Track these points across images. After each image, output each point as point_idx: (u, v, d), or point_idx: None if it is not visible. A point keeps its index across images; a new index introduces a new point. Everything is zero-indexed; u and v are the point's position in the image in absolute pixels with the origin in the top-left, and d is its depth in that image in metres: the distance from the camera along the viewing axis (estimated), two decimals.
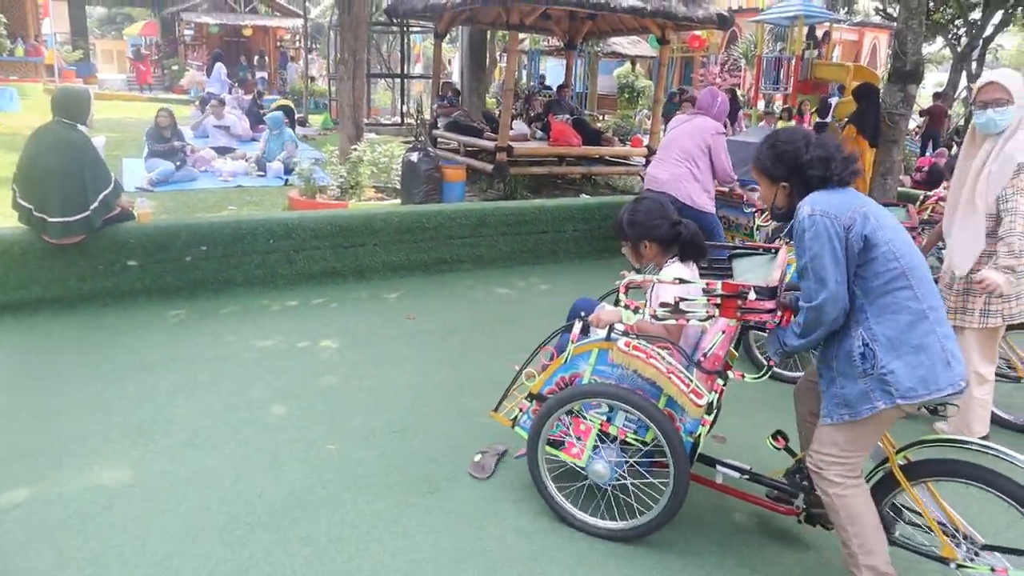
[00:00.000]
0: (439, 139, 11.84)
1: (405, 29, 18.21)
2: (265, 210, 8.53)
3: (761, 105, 20.74)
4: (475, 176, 10.57)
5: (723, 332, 2.76)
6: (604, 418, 2.88)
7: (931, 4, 18.41)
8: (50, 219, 4.81)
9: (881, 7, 22.38)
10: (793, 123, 8.65)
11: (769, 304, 2.48)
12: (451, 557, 2.80)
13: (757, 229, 6.20)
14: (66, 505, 2.97)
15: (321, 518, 2.98)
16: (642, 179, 5.73)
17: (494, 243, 6.81)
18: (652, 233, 3.08)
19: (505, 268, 6.82)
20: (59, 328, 4.80)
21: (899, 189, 8.59)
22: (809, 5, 18.10)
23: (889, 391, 2.30)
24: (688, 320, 2.60)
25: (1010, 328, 3.90)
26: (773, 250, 3.07)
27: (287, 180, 10.52)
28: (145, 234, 5.32)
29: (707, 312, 2.55)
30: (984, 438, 3.78)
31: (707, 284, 2.56)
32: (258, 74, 25.57)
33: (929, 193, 7.24)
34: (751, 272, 2.91)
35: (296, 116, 17.47)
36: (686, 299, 2.56)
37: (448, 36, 15.99)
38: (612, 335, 2.81)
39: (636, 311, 2.72)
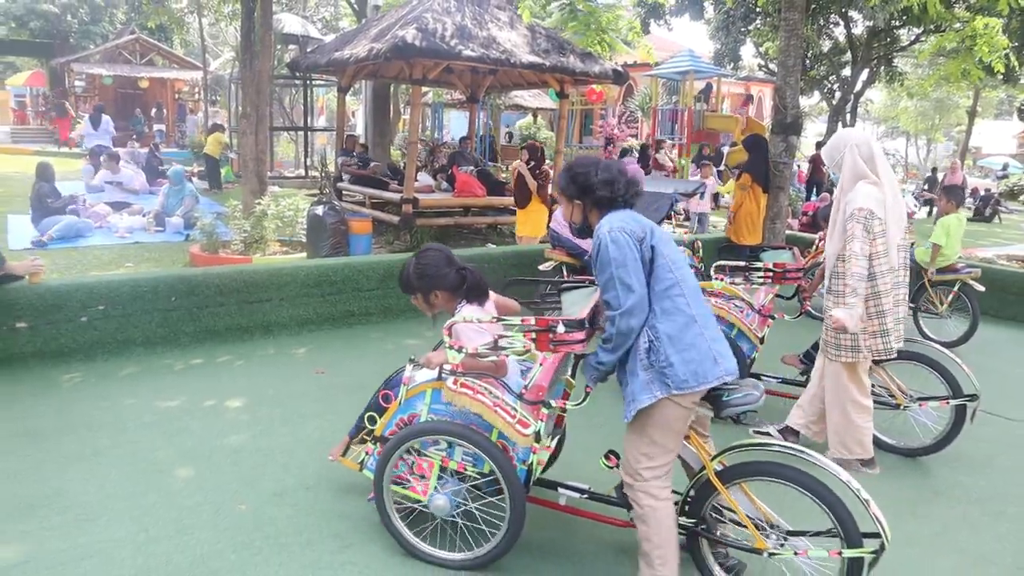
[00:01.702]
0: (344, 192, 11.84)
1: (308, 82, 18.20)
2: (165, 267, 8.29)
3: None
4: (381, 228, 10.60)
5: (540, 364, 3.02)
6: (444, 454, 3.03)
7: (807, 62, 19.86)
8: None
9: (763, 63, 23.92)
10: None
11: (579, 335, 2.72)
12: None
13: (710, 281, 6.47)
14: None
15: None
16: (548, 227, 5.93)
17: (402, 295, 6.79)
18: (440, 283, 3.22)
19: (414, 319, 6.83)
20: None
21: (787, 232, 9.15)
22: (697, 61, 19.19)
23: (666, 382, 2.59)
24: (507, 355, 2.83)
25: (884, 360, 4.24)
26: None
27: (188, 235, 10.26)
28: (36, 294, 5.09)
29: (524, 347, 2.77)
30: (868, 462, 4.07)
31: (523, 320, 2.78)
32: (156, 127, 24.84)
33: (817, 237, 7.80)
34: (577, 304, 3.10)
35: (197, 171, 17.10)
36: (504, 335, 2.79)
37: (352, 89, 16.08)
38: (442, 375, 2.97)
39: (460, 351, 2.86)
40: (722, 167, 16.11)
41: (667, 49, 25.29)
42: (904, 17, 17.33)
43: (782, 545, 2.76)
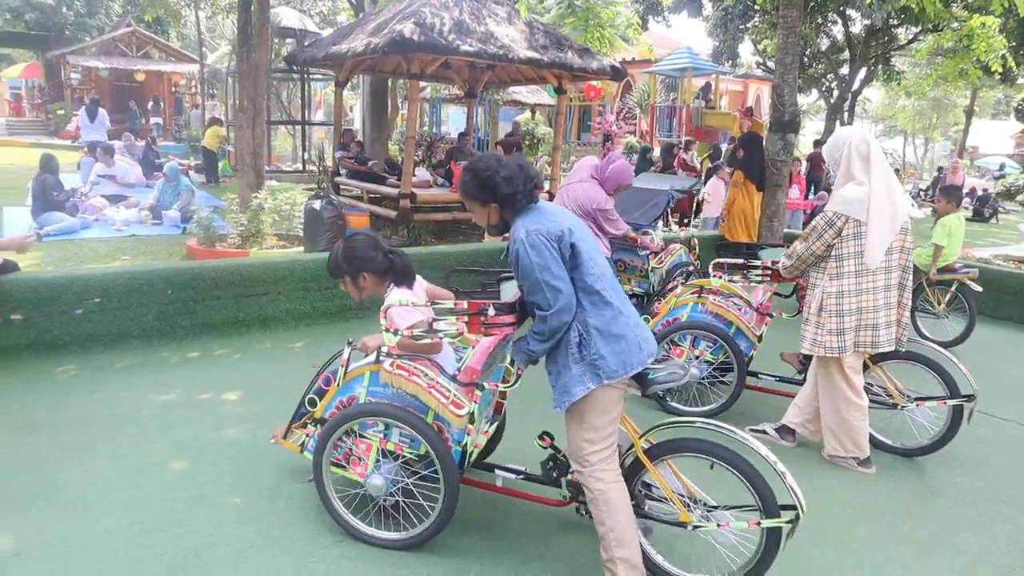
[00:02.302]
0: (342, 186, 11.81)
1: (306, 76, 18.15)
2: (162, 260, 8.26)
3: (656, 151, 21.66)
4: (379, 223, 10.58)
5: (473, 347, 3.09)
6: (382, 435, 3.09)
7: (804, 60, 19.86)
8: None
9: (761, 61, 23.93)
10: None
11: (508, 318, 2.81)
12: None
13: (652, 271, 6.46)
14: None
15: None
16: None
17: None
18: (369, 265, 3.29)
19: None
20: None
21: (784, 231, 9.15)
22: (696, 58, 19.20)
23: (598, 374, 2.66)
24: (440, 337, 2.90)
25: (881, 357, 4.24)
26: None
27: (185, 229, 10.23)
28: (31, 286, 5.07)
29: (456, 330, 2.84)
30: (864, 461, 4.07)
31: (456, 304, 2.87)
32: (152, 120, 24.73)
33: None
34: (514, 292, 3.16)
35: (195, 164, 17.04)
36: (437, 318, 2.86)
37: (349, 84, 16.03)
38: (380, 357, 3.04)
39: (396, 333, 2.90)
40: (719, 163, 16.10)
41: (665, 46, 25.31)
42: (902, 16, 17.36)
43: (706, 518, 2.86)
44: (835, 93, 21.52)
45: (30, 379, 4.75)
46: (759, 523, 2.72)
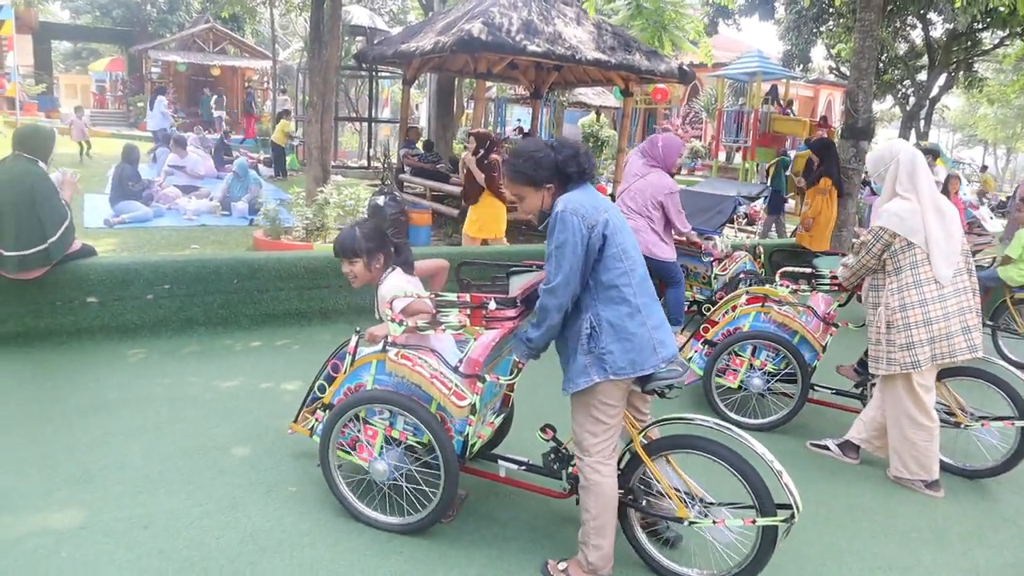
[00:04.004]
0: (405, 183, 11.94)
1: (374, 74, 18.44)
2: (229, 249, 8.49)
3: (722, 156, 21.31)
4: (441, 220, 10.66)
5: (474, 339, 3.10)
6: (387, 423, 3.15)
7: (881, 65, 19.24)
8: (5, 253, 4.73)
9: (834, 66, 23.30)
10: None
11: (510, 312, 2.87)
12: None
13: (715, 278, 6.34)
14: (12, 549, 2.90)
15: (279, 562, 2.94)
16: None
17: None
18: (383, 248, 3.37)
19: None
20: (13, 367, 4.70)
21: (854, 240, 8.86)
22: (766, 63, 18.78)
23: (604, 367, 2.68)
24: (444, 329, 2.94)
25: (946, 375, 4.07)
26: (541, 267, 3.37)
27: (252, 220, 10.50)
28: (106, 270, 5.26)
29: (459, 322, 2.91)
30: (931, 484, 3.91)
31: (458, 296, 2.92)
32: (216, 113, 25.33)
33: None
34: (521, 285, 3.18)
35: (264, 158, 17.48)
36: (441, 311, 2.94)
37: (416, 82, 16.21)
38: (385, 346, 3.09)
39: (401, 324, 2.98)
40: (788, 173, 15.72)
41: (735, 50, 24.86)
42: (988, 19, 16.65)
43: (703, 515, 2.89)
44: (911, 100, 20.80)
45: (103, 360, 4.93)
46: (754, 521, 2.75)
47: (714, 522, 2.85)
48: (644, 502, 2.99)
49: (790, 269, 4.71)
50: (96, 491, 3.34)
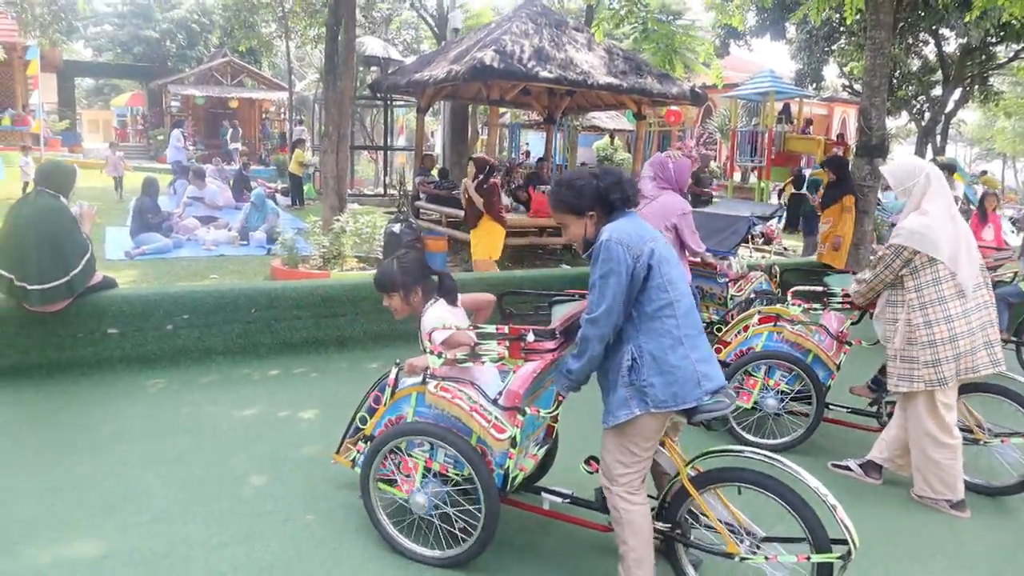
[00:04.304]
0: (421, 210, 12.03)
1: (389, 103, 18.66)
2: (247, 279, 8.57)
3: (737, 176, 21.28)
4: (457, 246, 10.71)
5: (513, 371, 3.05)
6: (427, 455, 3.13)
7: (894, 81, 19.20)
8: (29, 287, 4.81)
9: (847, 84, 23.28)
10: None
11: (549, 344, 2.83)
12: None
13: (731, 299, 6.30)
14: None
15: None
16: None
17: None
18: (421, 282, 3.37)
19: None
20: (34, 398, 4.76)
21: (871, 258, 8.80)
22: (779, 82, 18.83)
23: (645, 400, 2.64)
24: (484, 361, 2.92)
25: (963, 391, 4.01)
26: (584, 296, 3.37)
27: (270, 250, 10.60)
28: (126, 301, 5.33)
29: (499, 354, 2.90)
30: (957, 504, 3.84)
31: (496, 328, 2.89)
32: (231, 145, 25.63)
33: None
34: (563, 316, 3.16)
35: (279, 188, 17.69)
36: (480, 343, 2.93)
37: (431, 110, 16.37)
38: (425, 379, 3.09)
39: (440, 356, 2.97)
40: (803, 192, 15.67)
41: (747, 70, 24.92)
42: (1002, 33, 16.59)
43: (754, 551, 2.81)
44: (927, 115, 20.71)
45: (123, 390, 4.98)
46: (808, 557, 2.66)
47: (766, 558, 2.77)
48: (692, 536, 2.93)
49: (802, 288, 4.69)
50: (116, 521, 3.37)
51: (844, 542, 2.60)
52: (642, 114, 11.58)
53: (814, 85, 22.09)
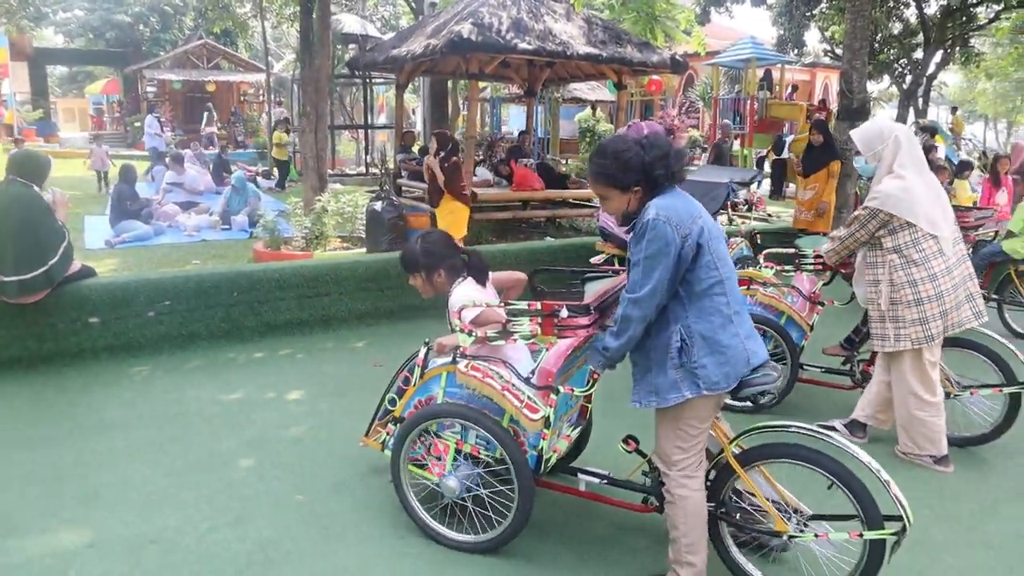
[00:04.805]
0: (404, 187, 11.94)
1: (368, 81, 18.44)
2: (230, 263, 8.49)
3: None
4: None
5: (546, 349, 2.98)
6: (459, 436, 3.06)
7: (875, 45, 19.15)
8: (6, 278, 4.74)
9: (829, 48, 23.19)
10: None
11: (583, 320, 2.70)
12: None
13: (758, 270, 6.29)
14: (21, 571, 2.89)
15: (288, 572, 2.93)
16: (597, 218, 5.78)
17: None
18: (444, 262, 3.29)
19: None
20: (16, 390, 4.70)
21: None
22: (760, 48, 18.72)
23: (697, 383, 2.54)
24: (515, 339, 2.82)
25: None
26: (618, 272, 3.24)
27: (252, 233, 10.51)
28: (107, 290, 5.27)
29: (531, 331, 2.77)
30: (940, 460, 3.88)
31: (528, 305, 2.77)
32: (206, 130, 25.24)
33: None
34: (596, 292, 3.04)
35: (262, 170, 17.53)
36: (511, 320, 2.81)
37: (411, 86, 16.19)
38: (455, 358, 2.99)
39: (470, 334, 2.87)
40: (785, 155, 15.65)
41: (728, 37, 24.78)
42: None
43: (802, 528, 2.74)
44: (908, 78, 20.68)
45: (107, 378, 4.93)
46: (861, 534, 2.58)
47: (816, 536, 2.69)
48: (737, 516, 2.84)
49: (774, 250, 4.71)
50: (103, 509, 3.34)
51: (898, 518, 2.53)
52: (623, 84, 11.47)
53: (796, 51, 22.02)
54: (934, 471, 3.89)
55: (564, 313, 2.70)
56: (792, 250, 4.69)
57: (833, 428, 4.24)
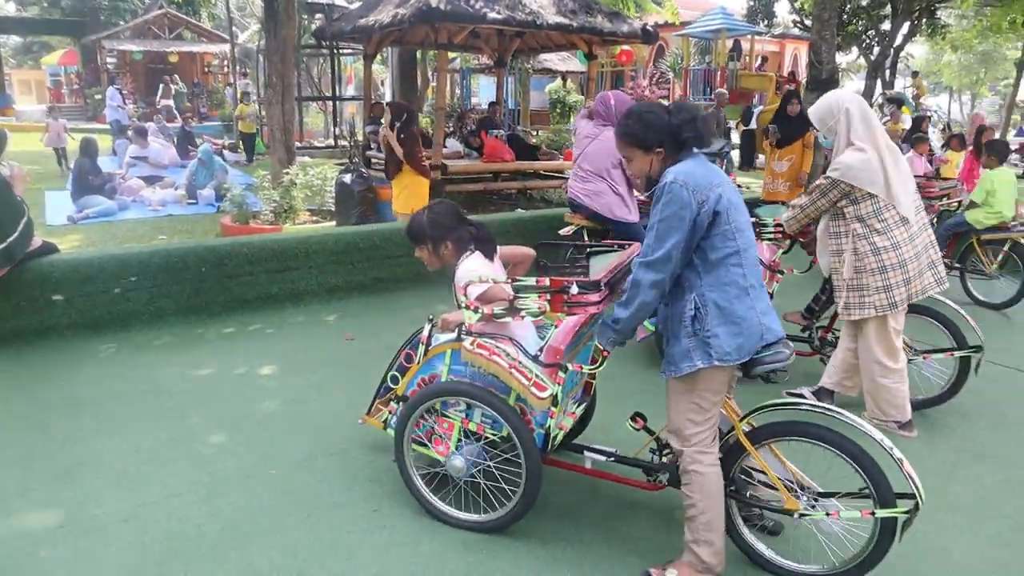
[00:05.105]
0: (373, 159, 11.81)
1: (335, 51, 18.12)
2: (197, 238, 8.36)
3: None
4: None
5: (555, 326, 2.92)
6: (463, 415, 3.01)
7: (844, 16, 19.23)
8: None
9: (798, 19, 23.25)
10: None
11: (594, 297, 2.63)
12: (396, 572, 2.79)
13: None
14: None
15: (262, 546, 2.93)
16: (567, 189, 5.76)
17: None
18: (451, 234, 3.20)
19: (445, 286, 6.75)
20: None
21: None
22: (730, 19, 18.72)
23: (709, 352, 2.51)
24: (523, 316, 2.75)
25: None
26: (626, 246, 3.23)
27: (219, 207, 10.34)
28: (70, 266, 5.16)
29: (539, 308, 2.70)
30: (905, 425, 3.98)
31: (536, 281, 2.70)
32: (163, 102, 24.61)
33: None
34: (603, 268, 3.02)
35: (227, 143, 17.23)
36: (519, 296, 2.73)
37: (379, 57, 15.93)
38: (460, 335, 2.94)
39: (476, 311, 2.81)
40: (753, 126, 15.72)
41: (699, 7, 24.69)
42: None
43: (813, 506, 2.72)
44: (876, 50, 20.84)
45: (74, 356, 4.85)
46: (873, 513, 2.57)
47: (827, 514, 2.67)
48: (747, 493, 2.83)
49: None
50: (73, 489, 3.30)
51: (910, 496, 2.52)
52: (593, 54, 11.42)
53: (765, 21, 22.04)
54: (899, 436, 3.98)
55: (574, 290, 2.64)
56: (752, 219, 4.72)
57: (801, 395, 4.32)
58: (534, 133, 18.65)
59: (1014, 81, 32.26)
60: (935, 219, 7.04)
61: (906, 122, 14.27)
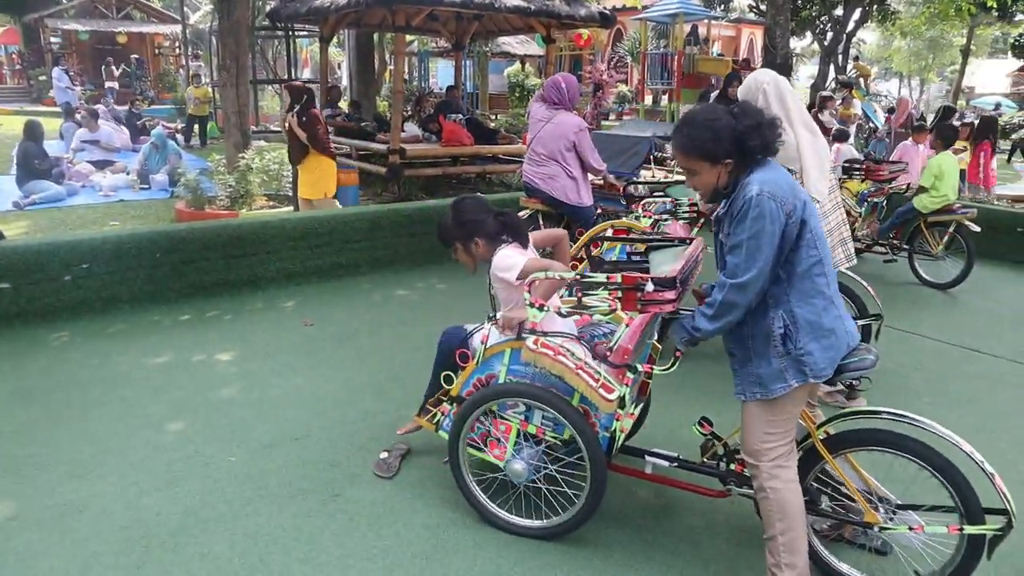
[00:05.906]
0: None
1: (291, 33, 17.80)
2: (151, 224, 8.19)
3: (649, 100, 21.42)
4: (368, 179, 10.48)
5: (626, 325, 2.78)
6: (522, 417, 2.89)
7: (798, 2, 19.50)
8: None
9: (754, 4, 23.51)
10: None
11: (669, 295, 2.49)
12: (358, 556, 2.80)
13: (638, 220, 6.38)
14: None
15: (222, 532, 2.92)
16: (522, 174, 5.77)
17: (390, 245, 6.79)
18: (480, 229, 3.09)
19: (403, 270, 6.81)
20: None
21: None
22: (688, 4, 18.83)
23: (804, 371, 2.37)
24: (592, 315, 2.63)
25: None
26: (688, 241, 3.08)
27: (172, 192, 10.13)
28: (16, 253, 5.02)
29: (609, 306, 2.56)
30: (849, 395, 4.11)
31: (608, 278, 2.55)
32: (108, 84, 23.81)
33: None
34: (665, 264, 2.87)
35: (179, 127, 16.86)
36: (587, 294, 2.58)
37: (336, 40, 15.69)
38: (522, 334, 2.82)
39: (541, 308, 2.72)
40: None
41: None
42: None
43: (892, 519, 2.58)
44: (829, 35, 21.19)
45: (23, 346, 4.73)
46: (961, 529, 2.42)
47: (910, 528, 2.52)
48: (822, 504, 2.68)
49: (651, 199, 4.81)
50: (24, 481, 3.24)
51: (1003, 512, 2.37)
52: (552, 38, 11.41)
53: (722, 6, 22.23)
54: (846, 405, 4.10)
55: (649, 287, 2.48)
56: (669, 199, 4.82)
57: None
58: (493, 117, 18.61)
59: (959, 68, 33.14)
60: (885, 200, 7.22)
61: (857, 107, 14.54)
